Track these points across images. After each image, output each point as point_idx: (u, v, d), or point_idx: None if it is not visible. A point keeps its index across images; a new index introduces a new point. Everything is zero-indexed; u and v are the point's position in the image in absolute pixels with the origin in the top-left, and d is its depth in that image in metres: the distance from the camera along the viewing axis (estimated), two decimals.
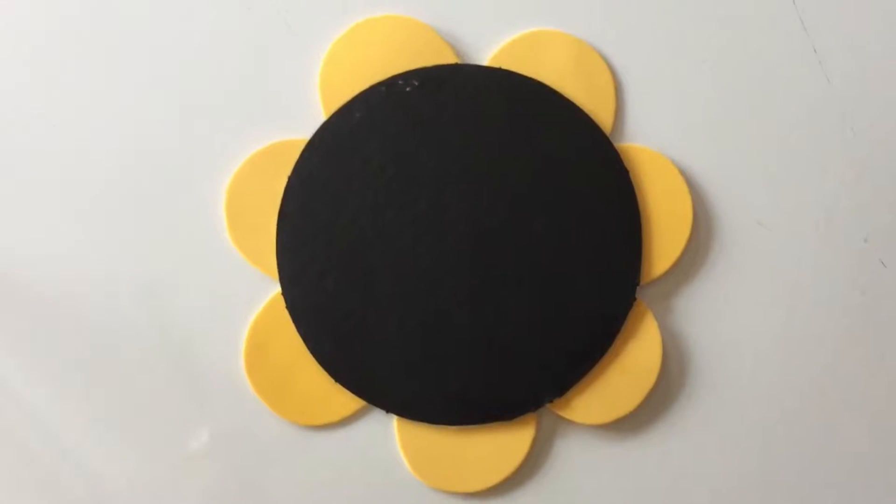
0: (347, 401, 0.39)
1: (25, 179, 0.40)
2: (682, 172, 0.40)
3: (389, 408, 0.39)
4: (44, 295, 0.40)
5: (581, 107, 0.40)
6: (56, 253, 0.40)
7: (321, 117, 0.40)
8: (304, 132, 0.40)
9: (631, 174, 0.40)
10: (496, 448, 0.40)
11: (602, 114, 0.40)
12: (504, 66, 0.40)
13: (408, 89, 0.40)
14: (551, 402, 0.39)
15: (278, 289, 0.39)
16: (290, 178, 0.39)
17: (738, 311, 0.41)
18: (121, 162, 0.40)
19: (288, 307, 0.39)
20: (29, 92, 0.40)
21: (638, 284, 0.40)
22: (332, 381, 0.39)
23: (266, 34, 0.40)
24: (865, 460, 0.41)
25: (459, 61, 0.40)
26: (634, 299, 0.40)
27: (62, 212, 0.40)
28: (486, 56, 0.41)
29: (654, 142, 0.41)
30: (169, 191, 0.40)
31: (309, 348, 0.39)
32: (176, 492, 0.40)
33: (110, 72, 0.40)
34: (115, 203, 0.40)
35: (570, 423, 0.40)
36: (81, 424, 0.40)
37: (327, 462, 0.40)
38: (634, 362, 0.40)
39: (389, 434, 0.40)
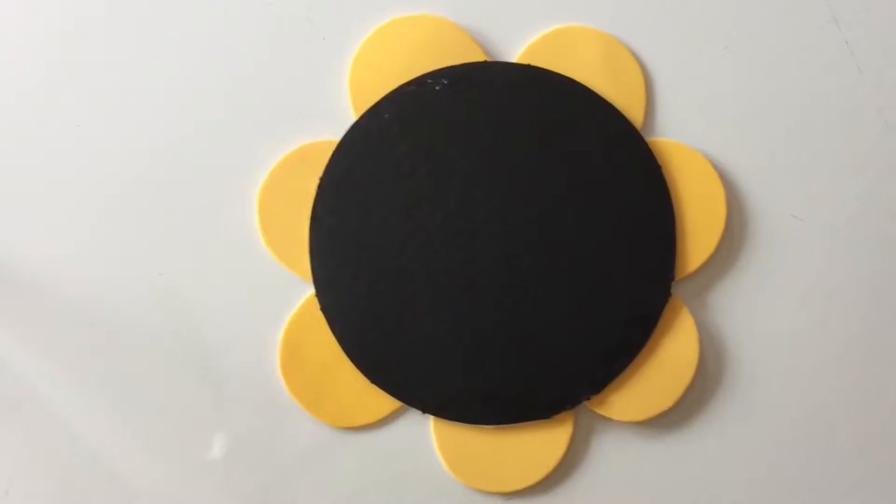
0: (384, 402, 0.39)
1: (57, 181, 0.40)
2: (715, 166, 0.40)
3: (426, 408, 0.39)
4: (76, 297, 0.40)
5: (611, 102, 0.40)
6: (88, 256, 0.40)
7: (351, 118, 0.40)
8: (334, 134, 0.40)
9: (663, 169, 0.40)
10: (534, 447, 0.39)
11: (632, 109, 0.40)
12: (533, 64, 0.40)
13: (437, 88, 0.40)
14: (588, 399, 0.39)
15: (312, 290, 0.39)
16: (321, 180, 0.39)
17: (774, 304, 0.40)
18: (153, 166, 0.40)
19: (322, 309, 0.39)
20: (59, 92, 0.40)
21: (673, 280, 0.40)
22: (368, 382, 0.39)
23: (294, 36, 0.40)
24: None
25: (488, 59, 0.40)
26: (670, 295, 0.39)
27: (93, 215, 0.40)
28: (515, 53, 0.40)
29: (685, 136, 0.41)
30: (201, 195, 0.40)
31: (344, 350, 0.39)
32: (212, 494, 0.40)
33: (140, 75, 0.40)
34: (147, 207, 0.40)
35: (608, 420, 0.40)
36: (111, 428, 0.40)
37: (364, 463, 0.40)
38: (671, 358, 0.40)
39: (426, 435, 0.40)
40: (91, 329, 0.40)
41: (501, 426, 0.39)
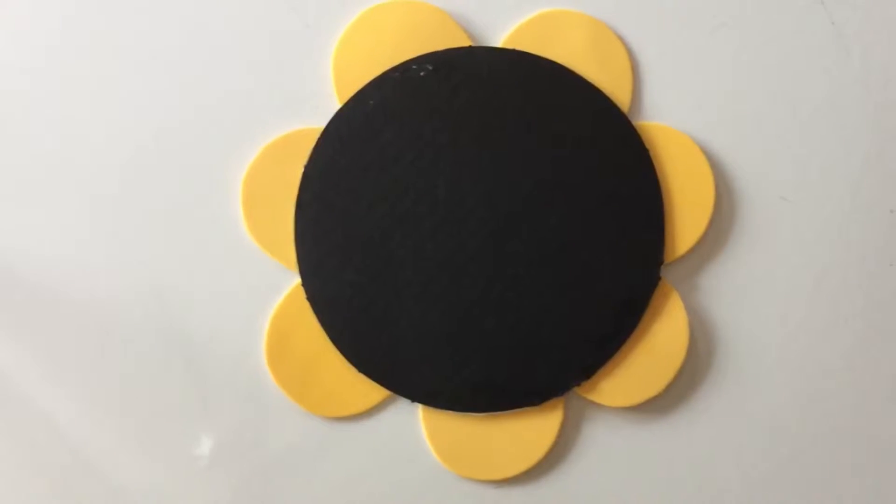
0: (372, 391, 0.39)
1: (38, 178, 0.39)
2: (703, 149, 0.40)
3: (415, 397, 0.39)
4: (56, 290, 0.39)
5: (598, 86, 0.40)
6: (70, 248, 0.39)
7: (335, 105, 0.39)
8: (318, 121, 0.39)
9: (651, 153, 0.40)
10: (524, 434, 0.39)
11: (619, 93, 0.40)
12: (518, 48, 0.40)
13: (422, 74, 0.39)
14: (578, 385, 0.39)
15: (298, 280, 0.39)
16: (306, 168, 0.39)
17: (765, 287, 0.40)
18: (136, 155, 0.39)
19: (308, 298, 0.39)
20: (40, 87, 0.40)
21: (662, 264, 0.39)
22: (356, 371, 0.39)
23: (278, 23, 0.40)
24: None
25: (473, 44, 0.40)
26: (659, 279, 0.39)
27: (75, 205, 0.39)
28: (500, 38, 0.40)
29: (672, 119, 0.40)
30: (185, 184, 0.39)
31: (331, 339, 0.39)
32: (199, 486, 0.40)
33: (121, 66, 0.40)
34: (130, 196, 0.39)
35: (598, 406, 0.40)
36: (95, 421, 0.39)
37: (353, 453, 0.39)
38: (661, 343, 0.39)
39: (415, 423, 0.39)
40: (73, 321, 0.39)
41: (491, 414, 0.39)
